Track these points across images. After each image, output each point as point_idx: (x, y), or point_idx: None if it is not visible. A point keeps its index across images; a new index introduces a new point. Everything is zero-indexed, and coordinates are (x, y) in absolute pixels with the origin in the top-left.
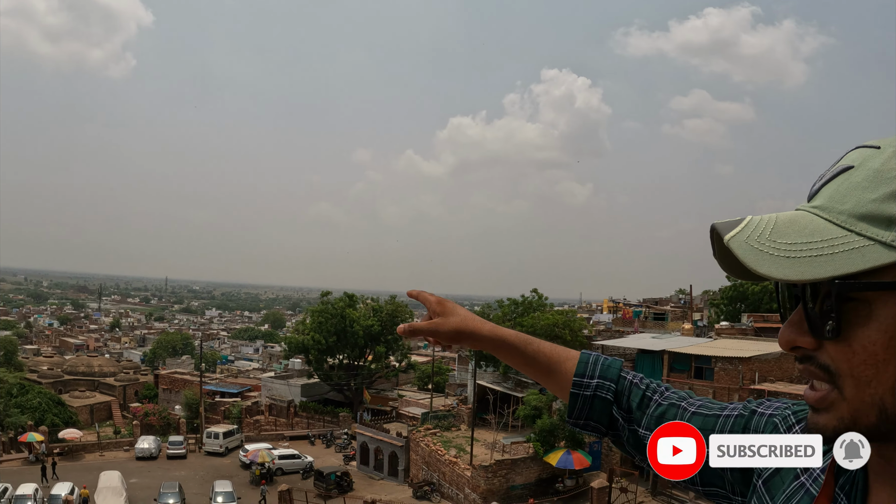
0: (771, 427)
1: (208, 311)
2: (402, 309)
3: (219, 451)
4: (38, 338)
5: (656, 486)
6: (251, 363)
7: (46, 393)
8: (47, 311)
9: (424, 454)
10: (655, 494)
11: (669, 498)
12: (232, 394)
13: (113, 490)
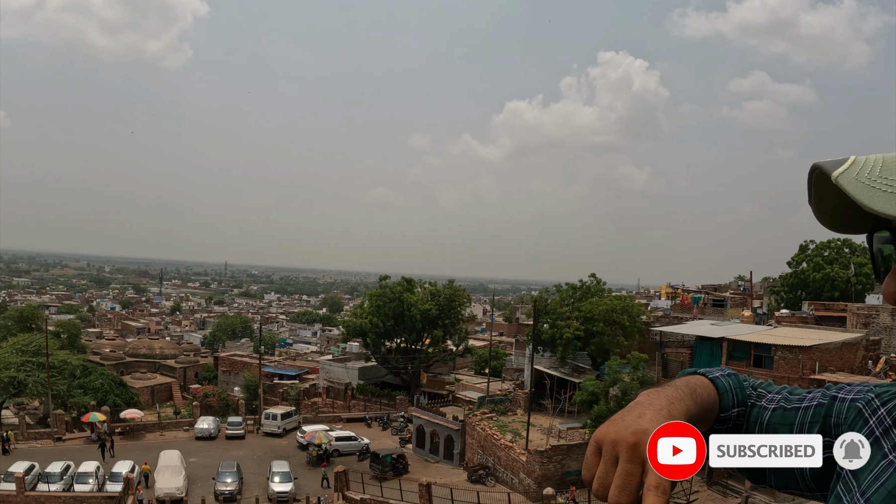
0: (854, 412)
1: (267, 295)
2: (460, 293)
3: (276, 432)
4: (100, 321)
5: (711, 475)
6: (309, 346)
7: (108, 374)
8: (109, 295)
9: (480, 438)
10: (711, 484)
11: (725, 488)
12: (290, 376)
13: (172, 469)
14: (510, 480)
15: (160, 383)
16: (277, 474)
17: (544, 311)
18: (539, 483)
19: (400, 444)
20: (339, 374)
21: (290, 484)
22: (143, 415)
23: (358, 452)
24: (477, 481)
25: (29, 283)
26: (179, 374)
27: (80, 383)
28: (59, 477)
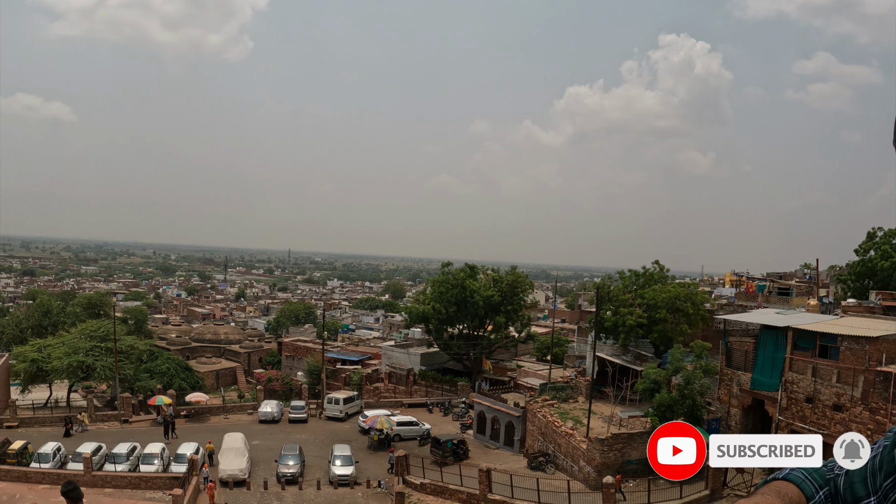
0: None
1: (330, 281)
2: (523, 280)
3: (339, 417)
4: (166, 307)
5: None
6: (372, 332)
7: (174, 359)
8: (175, 282)
9: (541, 425)
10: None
11: None
12: (353, 361)
13: (236, 451)
14: (570, 468)
15: (225, 368)
16: (339, 458)
17: (607, 298)
18: (599, 471)
19: (461, 429)
20: (401, 360)
21: (352, 468)
22: (207, 398)
23: (419, 437)
24: (537, 468)
25: (97, 272)
26: (244, 359)
27: (147, 367)
28: (125, 458)
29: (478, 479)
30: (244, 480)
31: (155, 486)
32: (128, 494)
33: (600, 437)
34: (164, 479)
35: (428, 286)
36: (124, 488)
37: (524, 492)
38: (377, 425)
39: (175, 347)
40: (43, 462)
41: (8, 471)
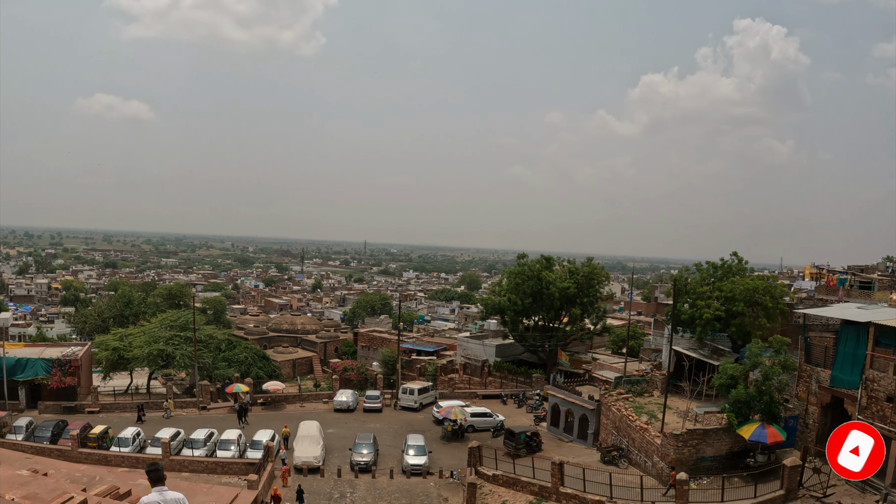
0: None
1: (406, 272)
2: (599, 271)
3: (413, 407)
4: (245, 298)
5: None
6: (447, 323)
7: (252, 348)
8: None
9: (615, 419)
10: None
11: (864, 483)
12: (428, 352)
13: (311, 438)
14: (643, 463)
15: (301, 357)
16: (412, 447)
17: (684, 291)
18: (673, 468)
19: (534, 421)
20: (476, 351)
21: (425, 457)
22: (284, 387)
23: (492, 429)
24: (610, 462)
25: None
26: (320, 349)
27: (225, 356)
28: (202, 443)
29: (550, 471)
30: (318, 468)
31: (231, 471)
32: (204, 479)
33: (675, 432)
34: (240, 464)
35: (504, 277)
36: (201, 473)
37: (596, 486)
38: (451, 416)
39: (253, 337)
40: (123, 446)
41: (89, 454)
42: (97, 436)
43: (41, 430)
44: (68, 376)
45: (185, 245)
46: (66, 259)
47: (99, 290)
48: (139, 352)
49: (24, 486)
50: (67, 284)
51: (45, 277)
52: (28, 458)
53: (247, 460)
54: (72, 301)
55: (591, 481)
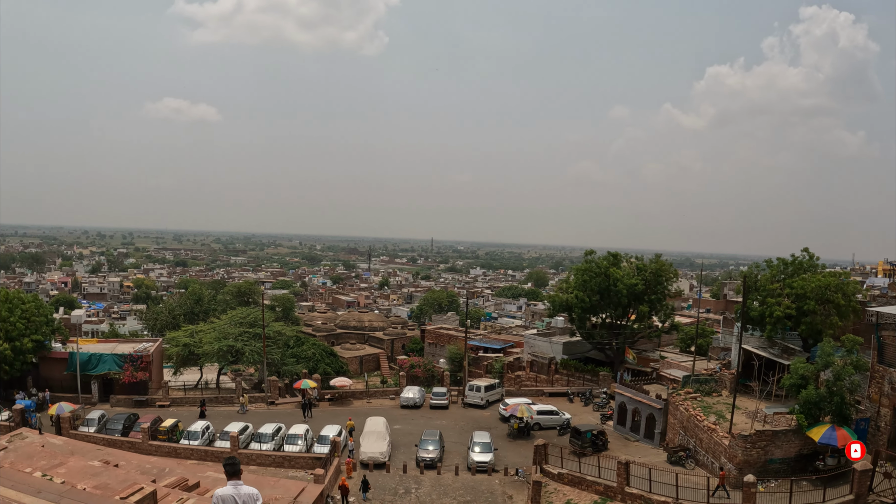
0: None
1: (473, 269)
2: (667, 268)
3: (479, 404)
4: (312, 295)
5: None
6: (514, 320)
7: (320, 345)
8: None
9: (682, 419)
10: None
11: None
12: (494, 349)
13: (377, 434)
14: (710, 464)
15: (368, 354)
16: (478, 445)
17: (753, 288)
18: (740, 469)
19: (601, 420)
20: (543, 349)
21: (490, 455)
22: (351, 383)
23: (559, 427)
24: (676, 463)
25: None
26: (387, 346)
27: (293, 353)
28: (270, 437)
29: (616, 471)
30: (384, 463)
31: (298, 465)
32: (271, 472)
33: (743, 433)
34: (307, 459)
35: (571, 274)
36: (268, 466)
37: (662, 487)
38: (517, 413)
39: (320, 334)
40: (192, 439)
41: (159, 446)
42: (167, 429)
43: (113, 422)
44: (140, 371)
45: (254, 244)
46: (138, 258)
47: (170, 287)
48: (209, 348)
49: (95, 477)
50: (139, 283)
51: (118, 276)
52: (100, 449)
53: (313, 455)
54: (143, 299)
55: (657, 482)
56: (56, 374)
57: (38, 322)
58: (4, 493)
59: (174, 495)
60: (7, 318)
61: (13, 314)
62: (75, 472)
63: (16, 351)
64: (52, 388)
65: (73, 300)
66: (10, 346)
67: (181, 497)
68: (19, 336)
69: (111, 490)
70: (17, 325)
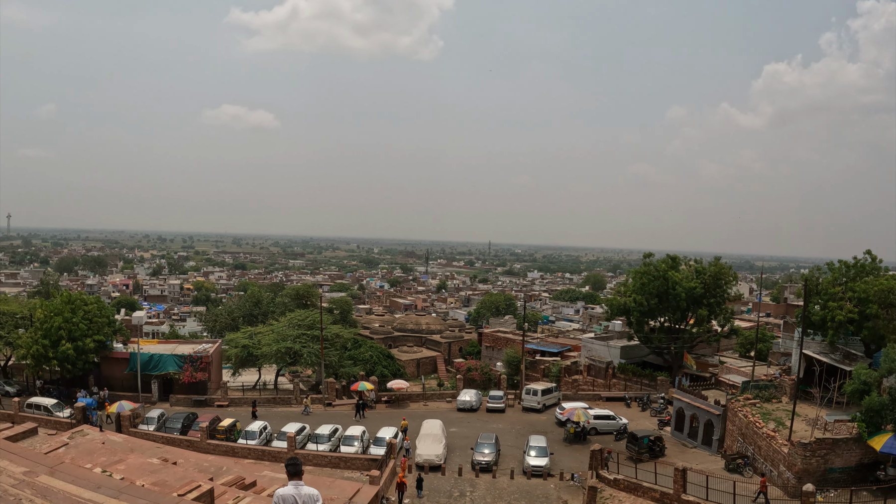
0: None
1: (530, 273)
2: (726, 271)
3: (536, 408)
4: (370, 298)
5: None
6: (571, 324)
7: (377, 347)
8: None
9: (741, 425)
10: None
11: None
12: (552, 353)
13: (433, 437)
14: (769, 472)
15: (425, 357)
16: (534, 448)
17: (815, 291)
18: (799, 478)
19: (658, 426)
20: (600, 353)
21: (546, 459)
22: (408, 385)
23: (615, 432)
24: (734, 470)
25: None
26: (444, 349)
27: (351, 355)
28: (327, 438)
29: (673, 478)
30: (440, 466)
31: (353, 466)
32: (327, 473)
33: (803, 441)
34: (363, 460)
35: (629, 277)
36: (324, 467)
37: (719, 494)
38: (574, 418)
39: (378, 336)
40: (250, 439)
41: (217, 445)
42: (225, 428)
43: (172, 421)
44: (199, 372)
45: (312, 247)
46: (198, 261)
47: (229, 290)
48: (267, 349)
49: (154, 474)
50: (199, 285)
51: (178, 279)
52: (159, 447)
53: (369, 456)
54: (203, 301)
55: (715, 489)
56: (117, 373)
57: (101, 323)
58: (65, 488)
59: (231, 493)
60: (70, 318)
61: (76, 315)
62: (134, 468)
63: (78, 351)
64: (113, 388)
65: (135, 302)
66: (72, 346)
67: (238, 495)
68: (82, 336)
69: (169, 487)
70: (80, 326)
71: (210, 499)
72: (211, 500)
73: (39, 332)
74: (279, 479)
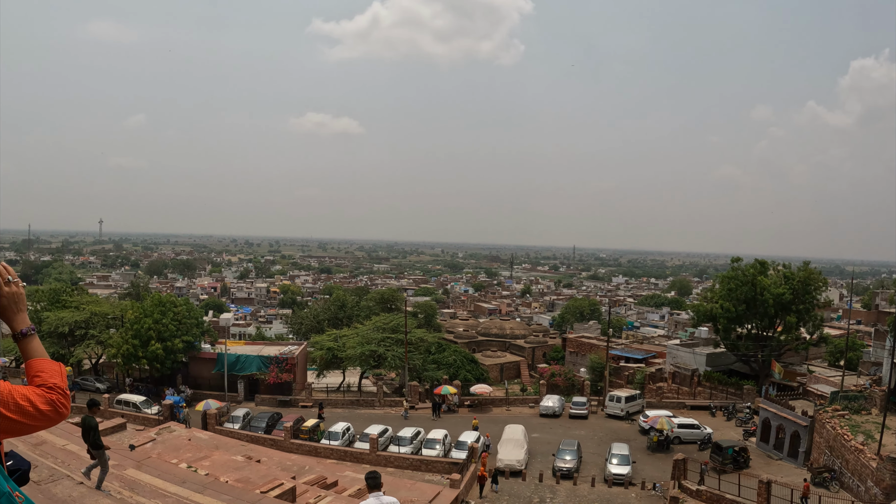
0: None
1: (615, 277)
2: (816, 276)
3: (619, 415)
4: (454, 303)
5: None
6: (657, 330)
7: (461, 351)
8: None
9: (829, 438)
10: None
11: None
12: (636, 359)
13: (515, 442)
14: (856, 487)
15: (509, 361)
16: (616, 456)
17: None
18: (887, 494)
19: (743, 436)
20: (685, 360)
21: (628, 467)
22: (491, 390)
23: (699, 441)
24: (820, 484)
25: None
26: (528, 354)
27: (434, 359)
28: (409, 441)
29: (756, 490)
30: (521, 471)
31: (434, 469)
32: (408, 475)
33: (892, 455)
34: (444, 463)
35: (716, 283)
36: (405, 469)
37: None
38: (657, 426)
39: (462, 340)
40: (333, 439)
41: (300, 444)
42: (309, 428)
43: (257, 420)
44: (284, 373)
45: (397, 251)
46: (284, 265)
47: (314, 293)
48: (352, 352)
49: (238, 471)
50: (285, 288)
51: (264, 282)
52: (243, 445)
53: (451, 460)
54: (289, 304)
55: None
56: (205, 373)
57: (189, 324)
58: (151, 482)
59: (312, 493)
60: (160, 319)
61: (165, 316)
62: (219, 465)
63: (167, 350)
64: (200, 387)
65: (222, 304)
66: (161, 346)
67: (319, 494)
68: (171, 337)
69: (252, 484)
70: (169, 327)
71: (292, 497)
72: (293, 498)
73: (130, 332)
74: (360, 479)
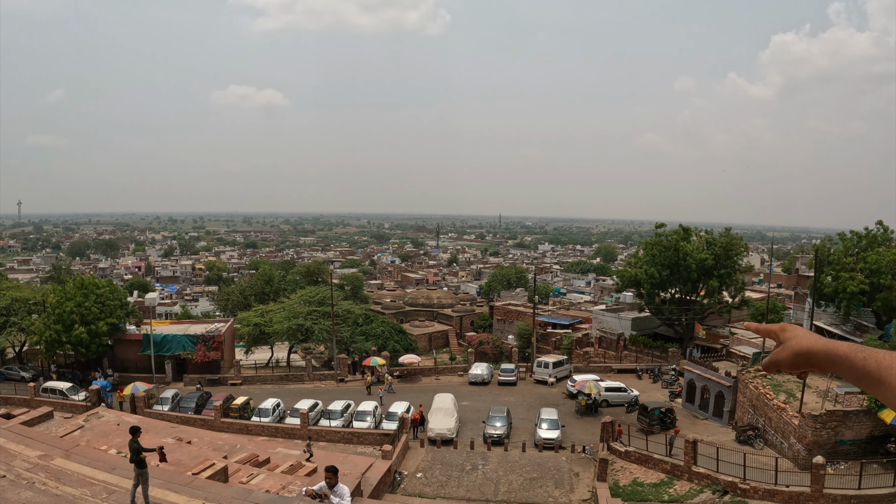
0: None
1: (541, 245)
2: (737, 242)
3: (547, 380)
4: (381, 274)
5: None
6: (583, 296)
7: (389, 322)
8: (389, 249)
9: (752, 397)
10: None
11: None
12: (563, 325)
13: (445, 411)
14: (779, 444)
15: (437, 331)
16: (545, 421)
17: (826, 262)
18: (809, 450)
19: (669, 397)
20: (611, 325)
21: (558, 431)
22: (420, 360)
23: (626, 404)
24: (744, 442)
25: (314, 242)
26: (456, 322)
27: (362, 330)
28: (339, 414)
29: (683, 449)
30: (452, 440)
31: (366, 441)
32: (340, 448)
33: (813, 413)
34: (375, 435)
35: (640, 249)
36: (337, 442)
37: (729, 466)
38: (585, 390)
39: (389, 311)
40: (263, 416)
41: (230, 423)
42: (239, 406)
43: (186, 401)
44: (212, 351)
45: (323, 224)
46: (209, 241)
47: (240, 269)
48: (279, 327)
49: (169, 453)
50: (210, 265)
51: (189, 259)
52: (173, 427)
53: (382, 431)
54: (215, 280)
55: (725, 461)
56: (131, 355)
57: (113, 306)
58: (80, 470)
59: (245, 471)
60: (83, 303)
61: (88, 299)
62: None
63: (92, 334)
64: (127, 369)
65: (147, 284)
66: (86, 330)
67: (251, 473)
68: (95, 320)
69: (184, 466)
70: (93, 310)
71: (224, 476)
72: (225, 477)
73: (52, 317)
74: (292, 455)
